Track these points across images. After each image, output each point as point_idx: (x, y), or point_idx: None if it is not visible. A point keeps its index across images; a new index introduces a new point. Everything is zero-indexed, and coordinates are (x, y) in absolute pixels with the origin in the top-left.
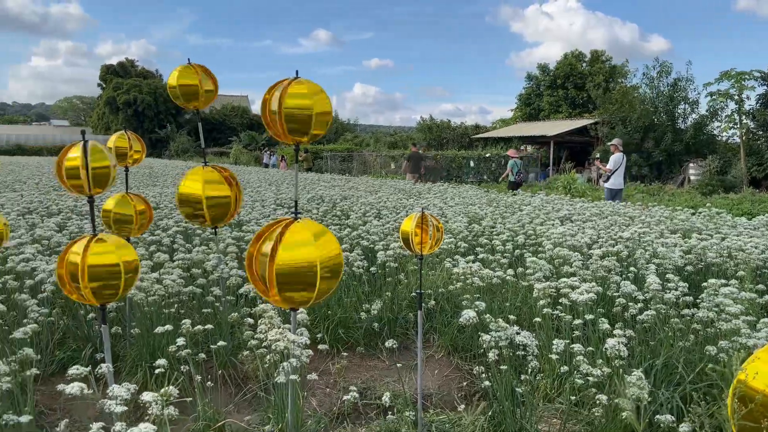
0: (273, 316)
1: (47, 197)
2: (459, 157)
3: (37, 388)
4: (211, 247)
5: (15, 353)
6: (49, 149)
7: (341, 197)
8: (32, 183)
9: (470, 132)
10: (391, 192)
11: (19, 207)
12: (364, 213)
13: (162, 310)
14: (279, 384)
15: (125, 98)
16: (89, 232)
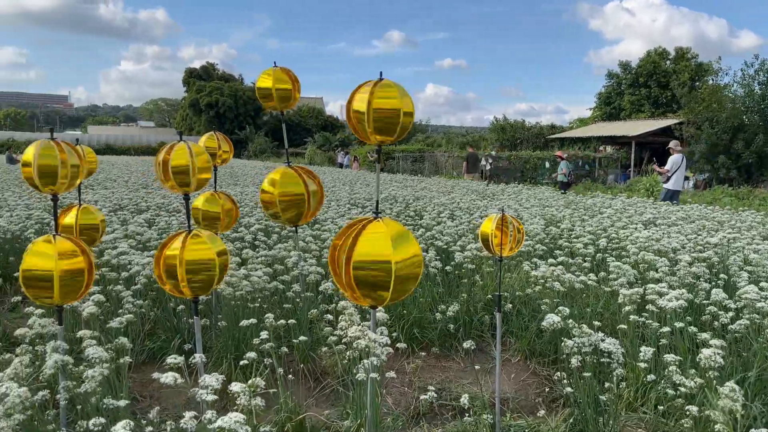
0: (353, 313)
1: (136, 195)
2: (534, 158)
3: (129, 375)
4: (290, 244)
5: (111, 341)
6: (135, 149)
7: (414, 197)
8: (121, 181)
9: (546, 132)
10: (464, 193)
11: (111, 204)
12: (438, 213)
13: (246, 304)
14: (358, 381)
15: (207, 100)
16: (177, 227)
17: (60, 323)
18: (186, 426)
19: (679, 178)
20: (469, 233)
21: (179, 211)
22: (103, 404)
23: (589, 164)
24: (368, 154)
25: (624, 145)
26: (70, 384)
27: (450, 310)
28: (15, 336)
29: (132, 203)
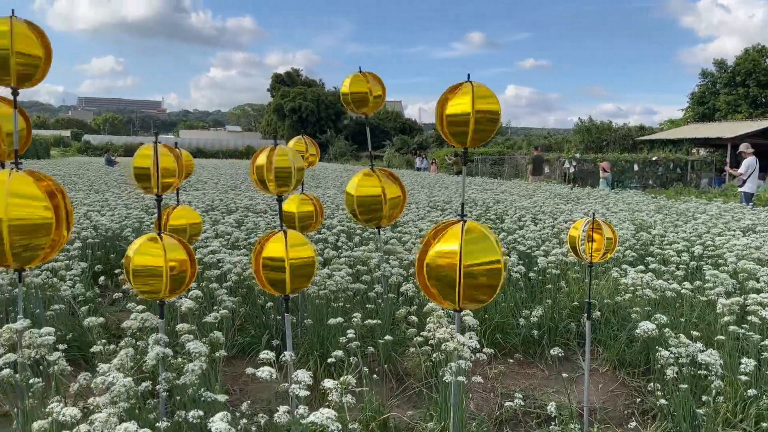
0: (441, 315)
1: (226, 196)
2: (621, 161)
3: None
4: (371, 246)
5: (205, 335)
6: (224, 152)
7: (494, 201)
8: (211, 183)
9: (634, 134)
10: (547, 196)
11: (203, 204)
12: (520, 217)
13: (330, 303)
14: (443, 383)
15: (291, 105)
16: (265, 228)
17: (161, 317)
18: (279, 420)
19: (753, 181)
20: (553, 238)
21: (266, 212)
22: (200, 397)
23: (681, 167)
24: (446, 157)
25: (719, 148)
26: (170, 375)
27: (534, 315)
28: (118, 329)
29: (222, 204)
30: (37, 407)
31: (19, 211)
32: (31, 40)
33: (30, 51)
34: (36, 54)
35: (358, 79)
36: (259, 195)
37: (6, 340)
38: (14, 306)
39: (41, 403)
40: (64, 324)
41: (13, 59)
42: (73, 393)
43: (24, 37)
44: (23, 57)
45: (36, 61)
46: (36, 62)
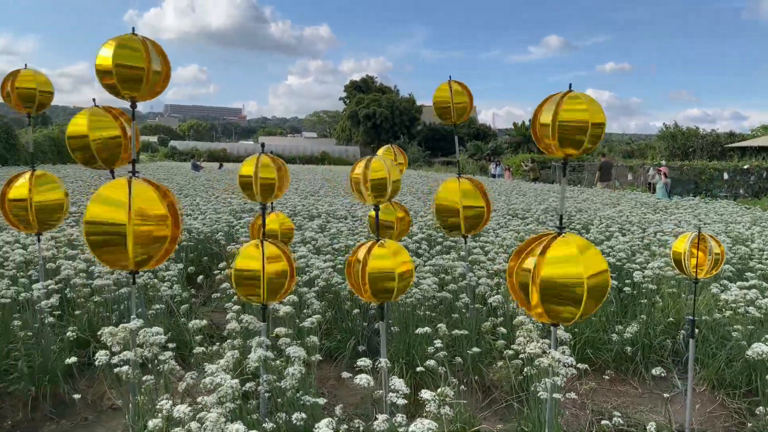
0: (531, 329)
1: (306, 201)
2: (710, 168)
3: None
4: (452, 254)
5: (301, 340)
6: (300, 158)
7: (576, 209)
8: (292, 188)
9: (723, 140)
10: (633, 206)
11: (287, 210)
12: (606, 227)
13: (415, 311)
14: (535, 398)
15: (365, 112)
16: (347, 234)
17: (263, 320)
18: (379, 428)
19: None
20: (643, 250)
21: (357, 218)
22: (299, 400)
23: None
24: (522, 164)
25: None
26: (272, 377)
27: (628, 331)
28: (210, 328)
29: (304, 209)
30: (147, 403)
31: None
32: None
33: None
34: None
35: (443, 88)
36: (338, 201)
37: (121, 339)
38: (118, 305)
39: (150, 399)
40: (163, 323)
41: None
42: (181, 391)
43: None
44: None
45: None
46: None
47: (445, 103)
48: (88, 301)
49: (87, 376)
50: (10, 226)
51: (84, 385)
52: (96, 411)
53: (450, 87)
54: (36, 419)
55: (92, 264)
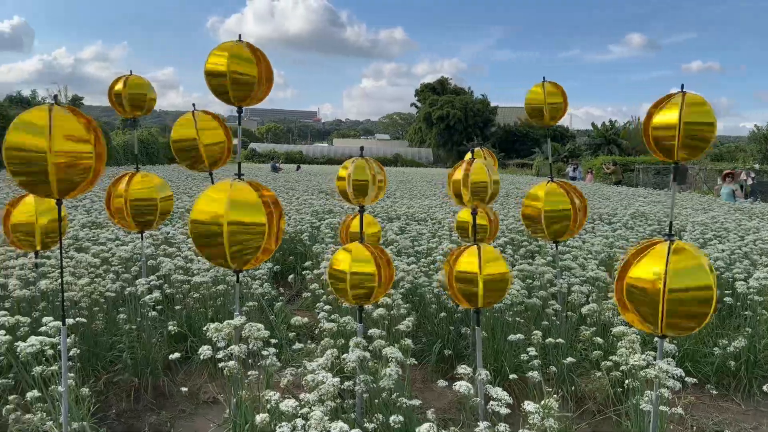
0: (634, 340)
1: (384, 203)
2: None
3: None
4: (538, 259)
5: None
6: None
7: (664, 214)
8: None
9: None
10: (726, 211)
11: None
12: (702, 233)
13: (503, 316)
14: (638, 411)
15: (439, 113)
16: (427, 235)
17: (360, 321)
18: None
19: None
20: (743, 259)
21: (436, 221)
22: (395, 402)
23: None
24: (604, 166)
25: None
26: (368, 378)
27: (734, 345)
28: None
29: (383, 211)
30: (249, 398)
31: (239, 216)
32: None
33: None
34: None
35: (536, 89)
36: (416, 203)
37: (226, 334)
38: (214, 301)
39: (251, 394)
40: (256, 320)
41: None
42: (282, 387)
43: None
44: (240, 76)
45: (251, 79)
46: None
47: (538, 104)
48: (186, 297)
49: (185, 369)
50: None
51: (181, 377)
52: (193, 403)
53: (543, 88)
54: (138, 409)
55: (190, 261)
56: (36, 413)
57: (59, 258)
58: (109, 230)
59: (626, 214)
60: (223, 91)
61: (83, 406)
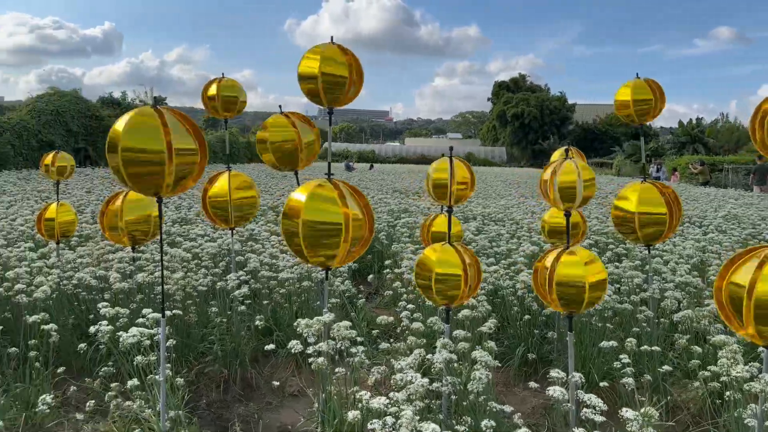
0: (736, 350)
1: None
2: None
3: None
4: (625, 263)
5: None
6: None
7: (759, 217)
8: None
9: None
10: None
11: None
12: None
13: (591, 321)
14: (741, 424)
15: (514, 111)
16: (506, 236)
17: (447, 322)
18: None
19: None
20: None
21: (514, 221)
22: (483, 405)
23: None
24: (690, 165)
25: None
26: (456, 379)
27: None
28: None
29: (459, 211)
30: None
31: (317, 215)
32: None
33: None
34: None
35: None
36: (491, 203)
37: (315, 330)
38: (298, 297)
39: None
40: (339, 317)
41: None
42: (370, 384)
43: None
44: (331, 77)
45: (342, 80)
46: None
47: (628, 101)
48: (273, 292)
49: (270, 362)
50: (207, 220)
51: (267, 370)
52: (279, 396)
53: (635, 85)
54: (227, 400)
55: (275, 258)
56: (135, 401)
57: (155, 252)
58: (198, 226)
59: (717, 217)
60: (315, 93)
61: (177, 395)
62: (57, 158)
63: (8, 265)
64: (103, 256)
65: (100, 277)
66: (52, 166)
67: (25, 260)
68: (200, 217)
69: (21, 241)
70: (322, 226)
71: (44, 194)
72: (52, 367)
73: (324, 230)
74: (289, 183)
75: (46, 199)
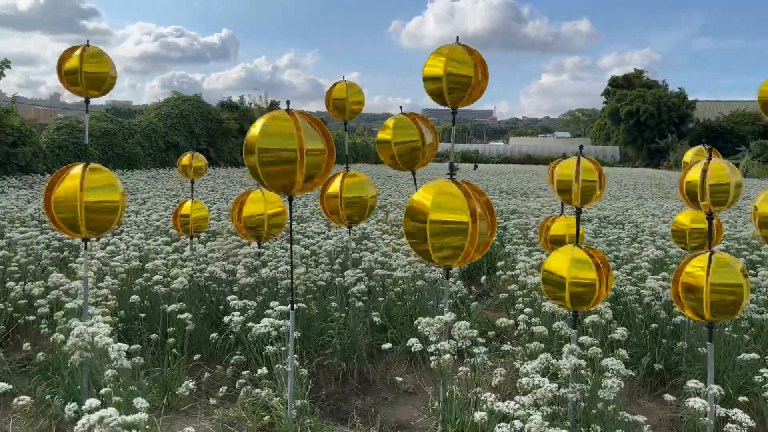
0: None
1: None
2: None
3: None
4: (761, 271)
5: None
6: (553, 159)
7: None
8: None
9: None
10: None
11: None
12: None
13: (723, 333)
14: None
15: (628, 109)
16: (626, 241)
17: (573, 327)
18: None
19: None
20: None
21: (633, 224)
22: (613, 415)
23: None
24: None
25: None
26: (585, 387)
27: None
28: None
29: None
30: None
31: (443, 215)
32: (465, 64)
33: (463, 72)
34: (467, 74)
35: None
36: (607, 205)
37: (437, 329)
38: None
39: (462, 390)
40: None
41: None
42: (494, 386)
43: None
44: (456, 77)
45: (467, 80)
46: (468, 81)
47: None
48: (387, 290)
49: (385, 358)
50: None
51: (382, 366)
52: (394, 393)
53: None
54: (345, 392)
55: (388, 257)
56: (263, 388)
57: (277, 249)
58: (314, 224)
59: None
60: (439, 93)
61: (301, 385)
62: (194, 159)
63: (147, 257)
64: (231, 251)
65: (228, 270)
66: (189, 166)
67: (160, 253)
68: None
69: (157, 235)
70: (449, 226)
71: (173, 192)
72: (186, 354)
73: (451, 229)
74: (394, 183)
75: (174, 197)
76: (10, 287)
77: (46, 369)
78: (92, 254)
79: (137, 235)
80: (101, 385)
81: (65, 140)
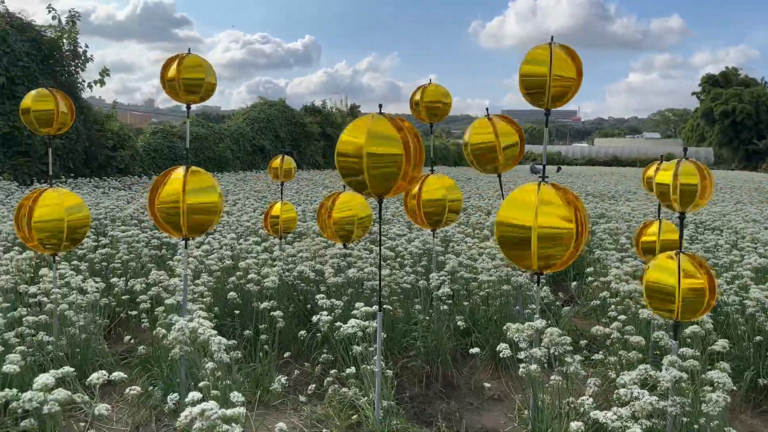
0: None
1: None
2: None
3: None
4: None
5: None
6: (641, 161)
7: None
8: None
9: None
10: None
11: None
12: None
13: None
14: None
15: (723, 108)
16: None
17: (675, 338)
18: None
19: None
20: None
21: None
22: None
23: None
24: None
25: None
26: (686, 400)
27: None
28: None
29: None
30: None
31: (547, 219)
32: (566, 63)
33: (565, 73)
34: (569, 76)
35: None
36: (704, 209)
37: (527, 336)
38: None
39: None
40: None
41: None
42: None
43: (560, 61)
44: (559, 79)
45: (569, 82)
46: (569, 83)
47: None
48: (471, 294)
49: (469, 363)
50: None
51: (466, 371)
52: (479, 399)
53: None
54: (429, 396)
55: (473, 260)
56: (350, 387)
57: (362, 250)
58: (396, 226)
59: None
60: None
61: (387, 386)
62: (284, 161)
63: (240, 257)
64: (318, 252)
65: (316, 270)
66: (279, 169)
67: (251, 252)
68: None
69: (248, 235)
70: (552, 231)
71: (261, 194)
72: (277, 350)
73: (554, 235)
74: (474, 186)
75: (262, 198)
76: (113, 283)
77: (146, 361)
78: (189, 253)
79: (229, 235)
80: (199, 379)
81: (160, 144)
